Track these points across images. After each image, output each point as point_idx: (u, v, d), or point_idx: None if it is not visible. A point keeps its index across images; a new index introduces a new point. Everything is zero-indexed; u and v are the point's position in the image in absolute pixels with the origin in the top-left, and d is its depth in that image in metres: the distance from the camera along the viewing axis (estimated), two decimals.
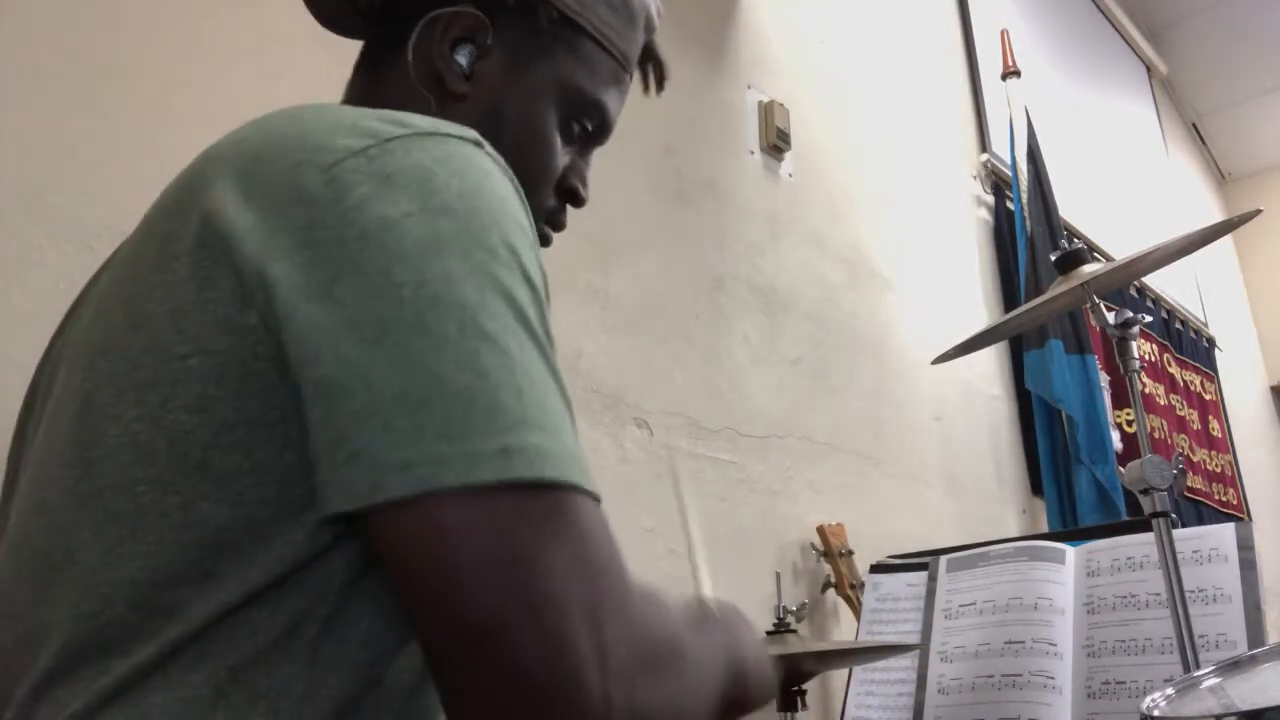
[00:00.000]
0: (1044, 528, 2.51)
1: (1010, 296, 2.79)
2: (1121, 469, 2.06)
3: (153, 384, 0.48)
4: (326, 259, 0.47)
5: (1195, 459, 3.64)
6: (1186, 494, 3.42)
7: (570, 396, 0.50)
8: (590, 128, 0.74)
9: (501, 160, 0.55)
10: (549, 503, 0.45)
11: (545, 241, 0.74)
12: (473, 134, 0.54)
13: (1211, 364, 4.16)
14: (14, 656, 0.49)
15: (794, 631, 1.34)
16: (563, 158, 0.74)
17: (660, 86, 0.81)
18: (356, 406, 0.44)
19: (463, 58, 0.69)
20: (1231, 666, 0.80)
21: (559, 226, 0.76)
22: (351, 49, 0.83)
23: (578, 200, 0.76)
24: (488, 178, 0.52)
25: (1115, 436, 2.60)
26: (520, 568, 0.43)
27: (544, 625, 0.43)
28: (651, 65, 0.80)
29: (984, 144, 2.97)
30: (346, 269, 0.46)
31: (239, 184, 0.50)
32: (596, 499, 0.48)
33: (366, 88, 0.74)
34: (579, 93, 0.72)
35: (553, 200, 0.74)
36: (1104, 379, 2.63)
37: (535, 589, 0.43)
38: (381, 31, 0.74)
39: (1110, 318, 1.27)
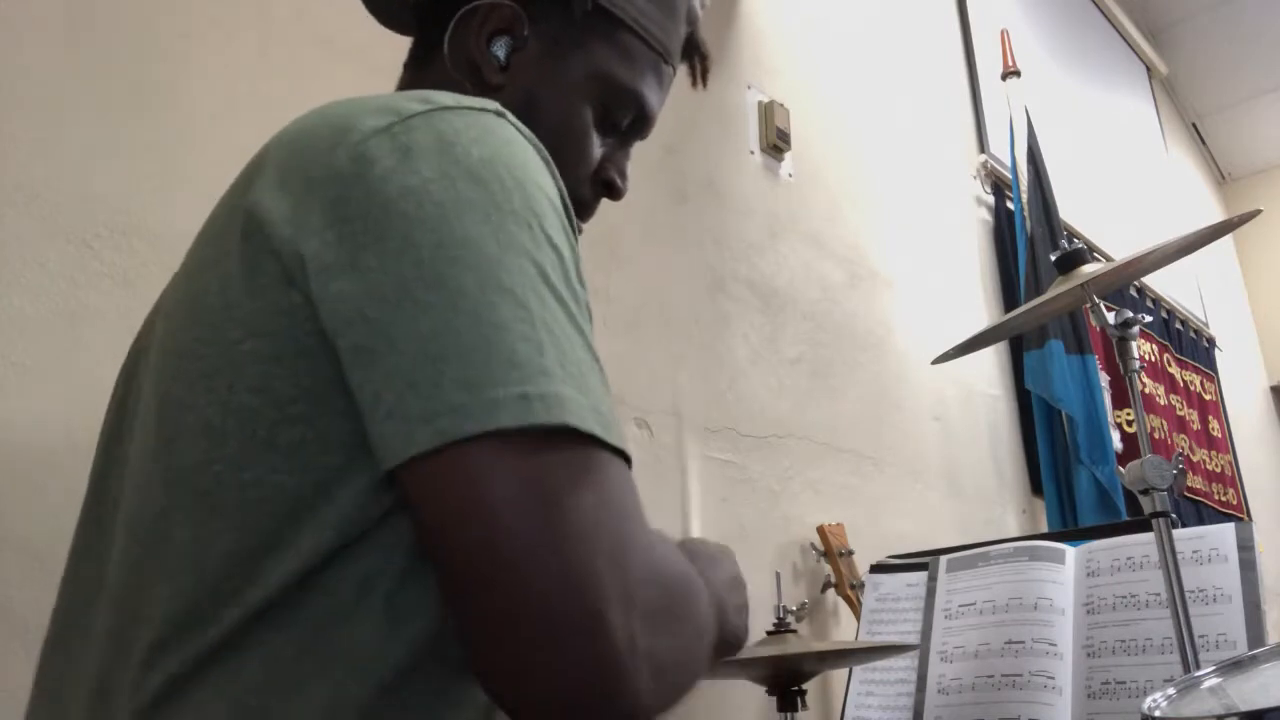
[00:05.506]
0: (1044, 528, 2.51)
1: (1010, 296, 2.79)
2: (1121, 469, 2.06)
3: (216, 371, 0.51)
4: (353, 232, 0.49)
5: (1195, 459, 3.64)
6: (1186, 494, 3.42)
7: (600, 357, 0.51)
8: (628, 119, 0.74)
9: (525, 130, 0.56)
10: (572, 450, 0.46)
11: (577, 231, 0.74)
12: (494, 105, 0.55)
13: (1211, 364, 4.16)
14: (126, 631, 0.52)
15: (794, 631, 1.34)
16: (599, 149, 0.74)
17: (705, 78, 0.81)
18: (385, 367, 0.46)
19: (500, 50, 0.70)
20: (1232, 666, 0.80)
21: (587, 217, 0.77)
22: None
23: (615, 192, 0.76)
24: (508, 145, 0.53)
25: (1115, 436, 2.59)
26: (547, 507, 0.44)
27: (570, 562, 0.43)
28: (697, 57, 0.80)
29: (983, 144, 2.97)
30: (370, 239, 0.48)
31: (276, 175, 0.53)
32: (622, 454, 0.49)
33: (411, 81, 0.75)
34: (615, 84, 0.72)
35: (589, 191, 0.75)
36: (1104, 379, 2.63)
37: (561, 527, 0.44)
38: (427, 26, 0.75)
39: (1110, 318, 1.26)
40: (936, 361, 1.52)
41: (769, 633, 1.33)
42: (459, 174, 0.50)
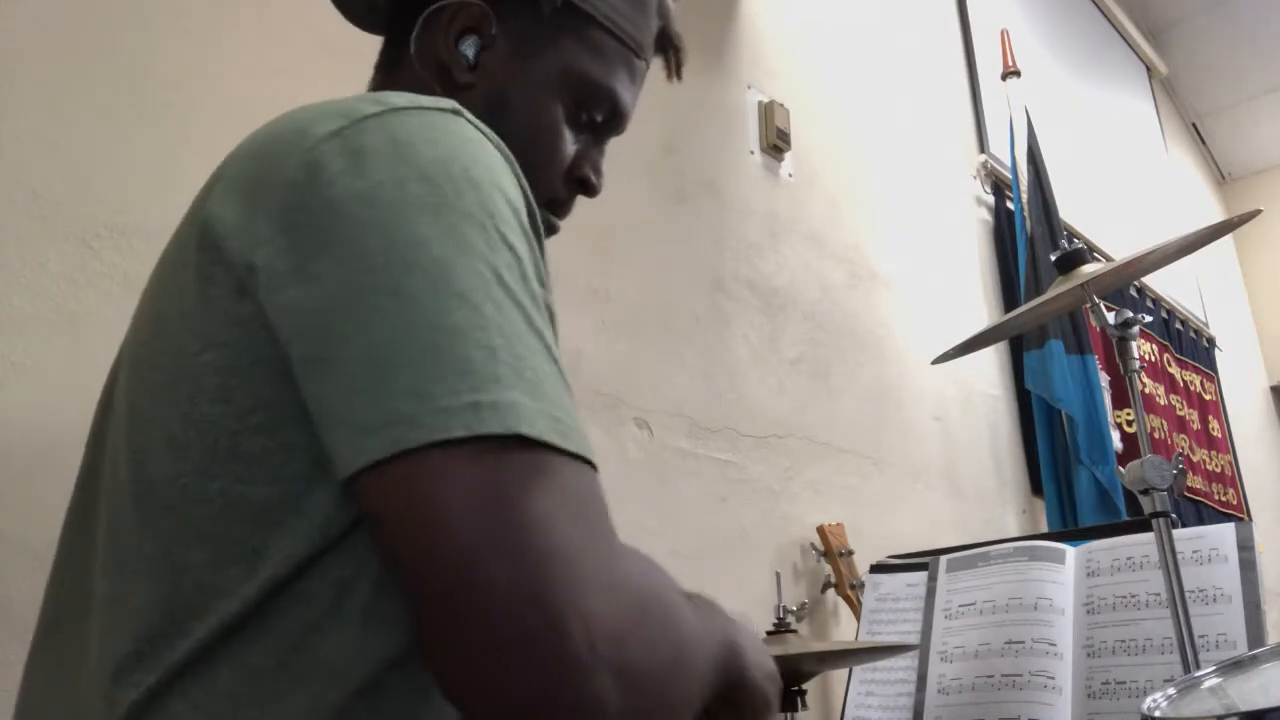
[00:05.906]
0: (1044, 528, 2.51)
1: (1010, 296, 2.79)
2: (1121, 469, 2.06)
3: (177, 382, 0.51)
4: (303, 240, 0.48)
5: (1195, 459, 3.64)
6: (1186, 494, 3.42)
7: (562, 360, 0.50)
8: (601, 116, 0.74)
9: (485, 128, 0.54)
10: (528, 459, 0.44)
11: (551, 229, 0.74)
12: (450, 104, 0.54)
13: (1211, 364, 4.16)
14: (107, 641, 0.51)
15: (794, 631, 1.34)
16: (573, 146, 0.73)
17: (680, 72, 0.81)
18: (336, 375, 0.45)
19: (469, 49, 0.70)
20: (1232, 666, 0.80)
21: (563, 215, 0.76)
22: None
23: (590, 189, 0.75)
24: (465, 145, 0.52)
25: (1115, 436, 2.59)
26: (497, 513, 0.42)
27: (521, 568, 0.42)
28: (671, 51, 0.80)
29: (983, 144, 2.97)
30: (319, 245, 0.47)
31: (232, 185, 0.53)
32: (584, 460, 0.47)
33: (381, 84, 0.75)
34: (587, 80, 0.71)
35: (563, 189, 0.74)
36: (1104, 379, 2.63)
37: (512, 533, 0.42)
38: (397, 27, 0.74)
39: (1110, 318, 1.26)
40: (936, 361, 1.52)
41: (769, 633, 1.33)
42: (410, 175, 0.48)
